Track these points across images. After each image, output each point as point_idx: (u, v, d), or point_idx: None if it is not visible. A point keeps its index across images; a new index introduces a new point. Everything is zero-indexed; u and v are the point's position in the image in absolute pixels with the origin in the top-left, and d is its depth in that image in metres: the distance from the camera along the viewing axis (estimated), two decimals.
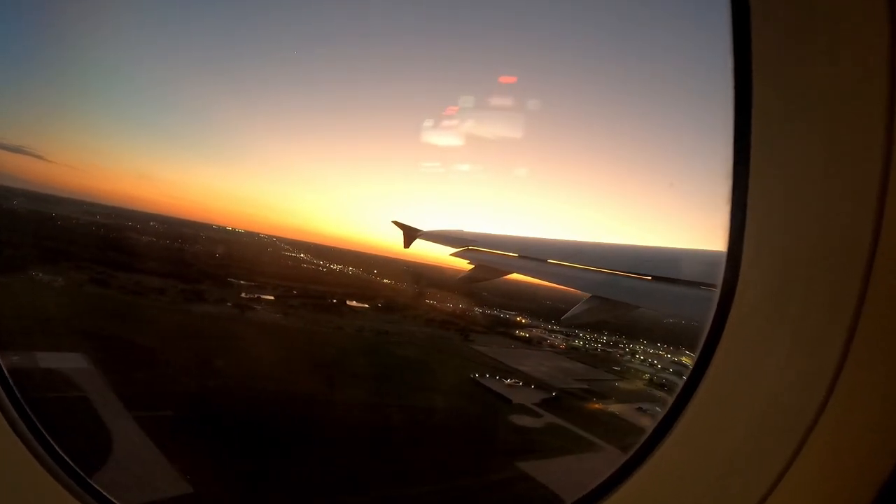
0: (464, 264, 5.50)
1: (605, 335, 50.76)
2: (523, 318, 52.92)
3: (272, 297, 35.36)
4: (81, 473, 1.48)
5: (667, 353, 47.72)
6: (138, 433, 14.79)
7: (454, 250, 5.68)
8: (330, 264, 65.52)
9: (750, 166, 0.97)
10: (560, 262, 4.15)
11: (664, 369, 39.51)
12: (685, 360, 46.70)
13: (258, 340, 24.21)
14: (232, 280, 37.97)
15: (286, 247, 73.97)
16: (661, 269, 3.04)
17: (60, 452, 1.48)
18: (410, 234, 7.22)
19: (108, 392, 16.49)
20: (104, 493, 1.50)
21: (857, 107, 0.85)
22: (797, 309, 0.96)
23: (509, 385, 26.88)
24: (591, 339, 47.98)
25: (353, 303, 42.50)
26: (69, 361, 17.45)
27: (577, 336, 48.23)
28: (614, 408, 27.07)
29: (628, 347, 47.80)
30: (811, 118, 0.90)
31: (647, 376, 35.68)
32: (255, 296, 34.49)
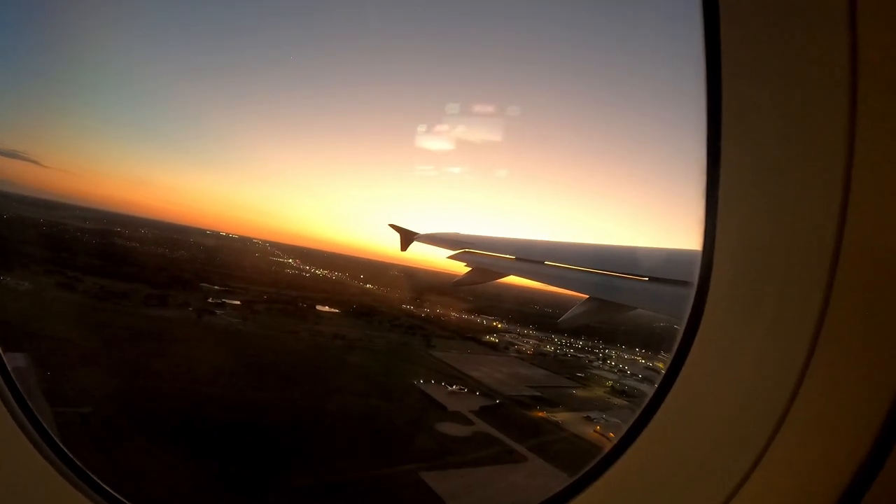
0: (461, 267, 5.58)
1: (581, 340, 50.34)
2: (500, 322, 52.98)
3: (238, 302, 36.46)
4: (87, 471, 1.49)
5: (643, 359, 46.99)
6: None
7: (451, 253, 5.80)
8: (317, 269, 66.84)
9: (721, 163, 1.01)
10: (557, 263, 4.21)
11: (632, 375, 38.97)
12: (660, 364, 45.88)
13: (200, 344, 25.28)
14: (204, 285, 39.30)
15: (278, 252, 75.64)
16: (658, 270, 3.10)
17: (65, 450, 1.50)
18: (407, 238, 7.34)
19: (32, 387, 17.64)
20: (112, 492, 1.51)
21: (821, 103, 0.88)
22: (768, 303, 1.00)
23: (452, 392, 27.09)
24: (564, 344, 47.63)
25: (324, 308, 43.39)
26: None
27: (549, 341, 47.94)
28: (560, 416, 26.85)
29: (603, 353, 47.29)
30: (780, 114, 0.94)
31: (610, 383, 35.31)
32: (221, 300, 35.63)
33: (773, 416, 0.99)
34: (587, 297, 3.36)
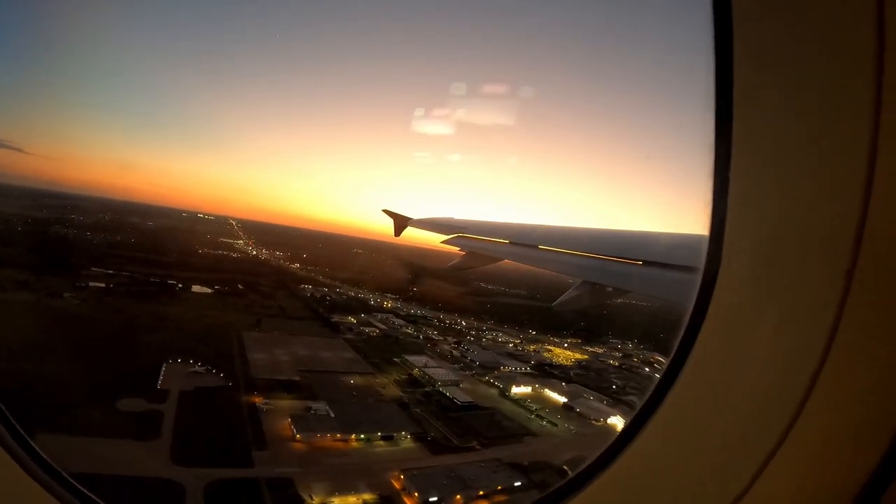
0: (455, 251, 5.88)
1: (465, 319, 49.94)
2: (389, 302, 54.98)
3: (102, 285, 44.12)
4: (62, 472, 1.55)
5: (516, 341, 45.57)
6: None
7: (445, 237, 6.06)
8: (260, 249, 73.88)
9: (732, 145, 1.01)
10: (551, 247, 4.43)
11: (466, 361, 38.94)
12: (532, 348, 44.33)
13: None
14: (95, 269, 47.77)
15: (239, 232, 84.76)
16: (651, 254, 3.21)
17: (39, 451, 1.55)
18: (401, 223, 7.79)
19: None
20: (86, 492, 1.56)
21: (843, 90, 0.88)
22: (782, 293, 0.99)
23: (192, 372, 31.09)
24: (438, 326, 47.85)
25: (200, 288, 49.68)
26: None
27: (426, 323, 48.37)
28: (279, 403, 29.04)
29: (476, 334, 46.86)
30: (795, 98, 0.94)
31: (415, 371, 35.98)
32: (87, 284, 43.44)
33: (785, 415, 0.98)
34: (581, 280, 3.55)
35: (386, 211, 8.11)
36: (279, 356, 36.12)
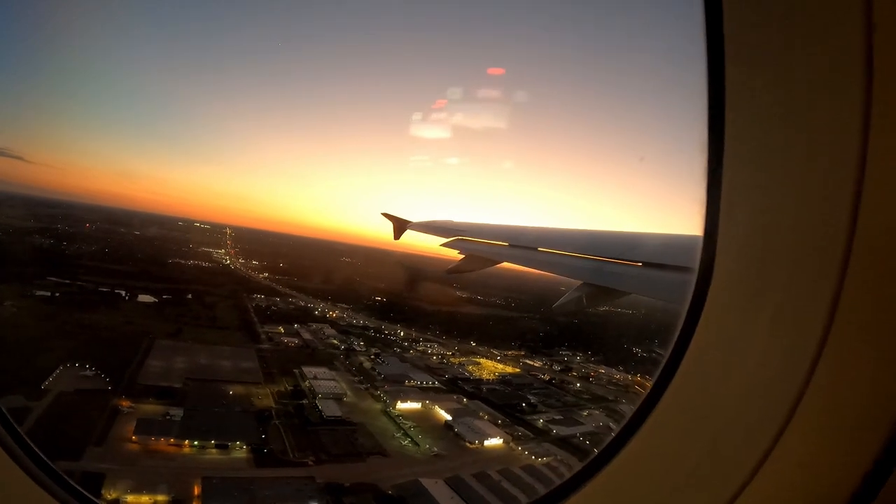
0: (454, 254, 6.10)
1: (403, 329, 50.33)
2: (336, 312, 56.63)
3: (48, 294, 49.23)
4: (60, 472, 1.63)
5: (439, 354, 45.40)
6: None
7: (445, 240, 6.37)
8: (239, 258, 78.08)
9: (724, 146, 1.09)
10: (550, 249, 4.64)
11: (373, 375, 39.69)
12: (456, 361, 44.00)
13: None
14: (51, 278, 53.22)
15: (228, 241, 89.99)
16: (651, 255, 3.39)
17: (39, 452, 1.63)
18: (400, 226, 8.19)
19: None
20: (85, 493, 1.66)
21: (833, 91, 0.94)
22: (776, 292, 1.04)
23: (81, 375, 34.43)
24: (376, 338, 48.69)
25: (147, 298, 53.64)
26: None
27: (364, 336, 49.35)
28: (147, 408, 31.52)
29: (412, 345, 47.48)
30: (786, 99, 1.00)
31: (305, 383, 37.15)
32: (33, 293, 48.73)
33: (781, 412, 1.03)
34: (580, 282, 3.76)
35: (385, 214, 8.51)
36: (177, 364, 38.86)
